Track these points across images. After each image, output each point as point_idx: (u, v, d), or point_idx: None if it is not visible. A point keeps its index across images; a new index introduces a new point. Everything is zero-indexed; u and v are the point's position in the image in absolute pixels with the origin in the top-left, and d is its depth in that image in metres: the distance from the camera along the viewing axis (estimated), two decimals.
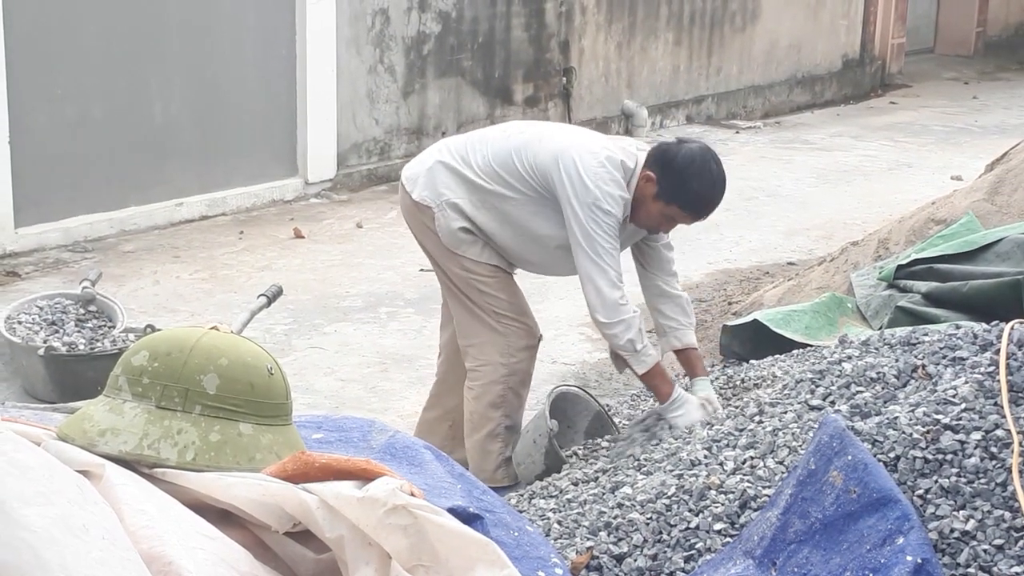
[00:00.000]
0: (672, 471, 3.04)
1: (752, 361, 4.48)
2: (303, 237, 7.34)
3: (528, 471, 3.86)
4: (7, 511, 1.25)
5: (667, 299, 4.05)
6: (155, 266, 6.66)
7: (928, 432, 2.70)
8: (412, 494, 1.52)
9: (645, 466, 3.27)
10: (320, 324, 5.85)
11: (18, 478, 1.29)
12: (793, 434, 2.97)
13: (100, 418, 1.63)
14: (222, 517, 1.53)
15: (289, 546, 1.52)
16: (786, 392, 3.33)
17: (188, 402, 1.63)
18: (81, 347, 3.61)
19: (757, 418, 3.20)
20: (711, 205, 3.87)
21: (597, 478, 3.46)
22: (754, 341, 4.91)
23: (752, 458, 2.92)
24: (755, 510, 2.73)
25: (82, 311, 3.84)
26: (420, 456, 1.83)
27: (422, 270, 6.74)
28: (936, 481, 2.60)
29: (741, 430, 3.15)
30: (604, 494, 3.16)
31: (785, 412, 3.15)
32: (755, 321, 4.96)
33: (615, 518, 2.89)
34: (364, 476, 1.56)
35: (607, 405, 4.83)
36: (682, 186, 3.75)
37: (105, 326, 3.79)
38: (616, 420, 4.34)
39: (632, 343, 3.76)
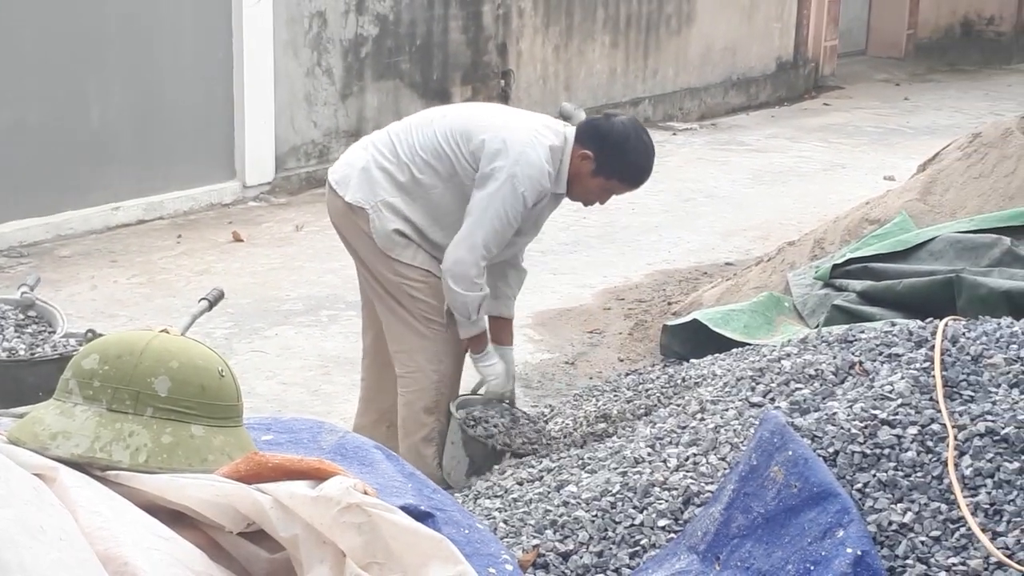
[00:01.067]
0: (616, 469, 3.08)
1: (692, 360, 4.54)
2: (242, 240, 7.30)
3: (458, 473, 3.89)
4: None
5: (516, 270, 4.16)
6: (92, 271, 6.60)
7: (865, 427, 2.76)
8: (365, 493, 1.54)
9: (589, 464, 3.30)
10: (261, 328, 5.83)
11: None
12: (735, 431, 3.02)
13: (51, 421, 1.63)
14: (175, 518, 1.54)
15: (243, 546, 1.53)
16: (727, 390, 3.38)
17: (139, 404, 1.64)
18: (21, 353, 3.58)
19: (699, 415, 3.25)
20: (647, 174, 3.96)
21: (542, 477, 3.49)
22: (694, 341, 4.97)
23: (695, 455, 2.97)
24: (698, 506, 2.77)
25: (21, 316, 3.80)
26: (371, 456, 1.84)
27: None
28: (874, 475, 2.66)
29: (684, 427, 3.20)
30: (549, 492, 3.18)
31: (727, 409, 3.20)
32: (695, 321, 5.02)
33: (561, 516, 2.92)
34: (317, 476, 1.57)
35: (549, 405, 4.88)
36: (621, 160, 3.83)
37: (45, 331, 3.75)
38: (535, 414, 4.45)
39: (468, 315, 3.84)
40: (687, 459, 2.96)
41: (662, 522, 2.78)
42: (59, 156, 7.17)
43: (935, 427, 2.74)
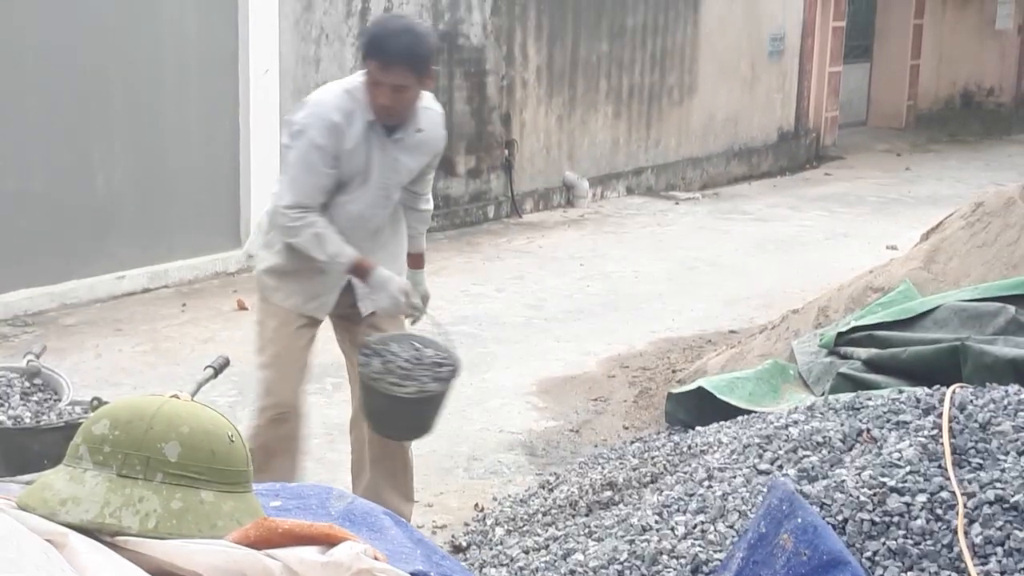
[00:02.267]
0: (623, 537, 3.06)
1: (698, 428, 4.52)
2: (247, 309, 7.31)
3: (379, 427, 3.83)
4: None
5: (415, 212, 4.14)
6: (97, 339, 6.60)
7: (874, 495, 2.75)
8: (376, 558, 1.53)
9: (596, 532, 3.28)
10: None
11: None
12: (743, 498, 3.00)
13: (61, 487, 1.63)
14: None
15: None
16: (734, 457, 3.37)
17: (150, 470, 1.63)
18: (27, 420, 3.57)
19: (706, 483, 3.24)
20: (383, 43, 3.70)
21: (548, 545, 3.47)
22: (699, 408, 4.96)
23: (703, 523, 2.95)
24: (707, 574, 2.75)
25: (27, 384, 3.79)
26: (379, 522, 1.84)
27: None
28: (884, 543, 2.64)
29: (691, 495, 3.18)
30: (556, 561, 3.17)
31: (734, 477, 3.19)
32: (700, 388, 5.01)
33: None
34: (327, 541, 1.56)
35: (554, 473, 4.85)
36: (363, 39, 3.80)
37: (51, 399, 3.74)
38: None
39: (322, 255, 3.81)
40: (695, 527, 2.95)
41: None
42: (64, 224, 7.20)
43: (944, 495, 2.73)
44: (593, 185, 11.15)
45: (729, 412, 4.65)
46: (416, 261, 4.21)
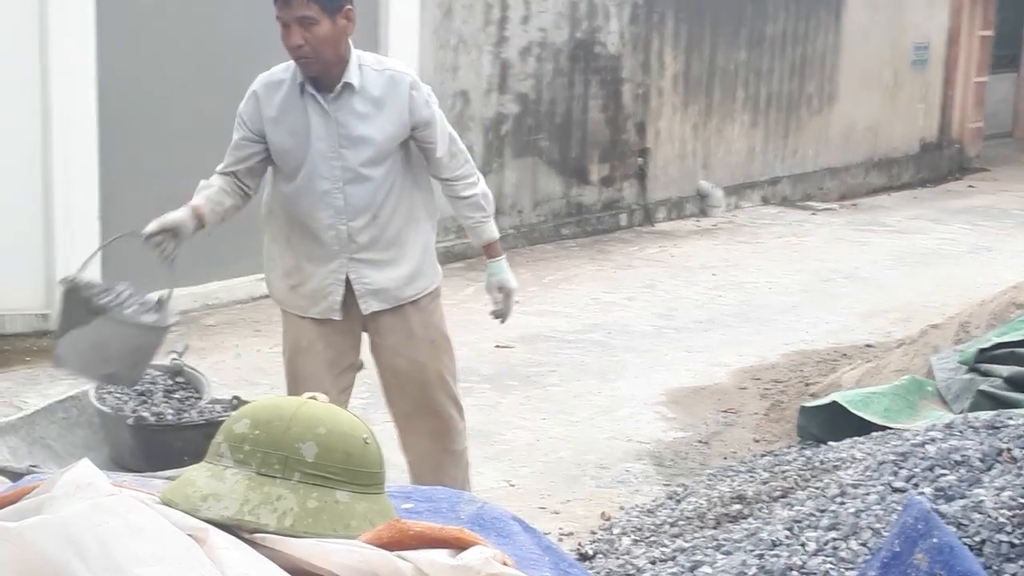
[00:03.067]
0: (752, 551, 3.03)
1: (831, 443, 4.45)
2: None
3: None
4: (123, 571, 1.30)
5: (459, 202, 3.90)
6: (237, 339, 6.77)
7: (1014, 516, 2.67)
8: (504, 563, 1.55)
9: (724, 546, 3.26)
10: None
11: (133, 539, 1.34)
12: (876, 516, 2.95)
13: (202, 484, 1.68)
14: None
15: None
16: (868, 474, 3.31)
17: (287, 469, 1.68)
18: (169, 417, 3.69)
19: (839, 499, 3.19)
20: None
21: (675, 557, 3.45)
22: (832, 423, 4.88)
23: (834, 539, 2.90)
24: None
25: (170, 382, 3.92)
26: (508, 527, 1.85)
27: (497, 347, 6.80)
28: (1022, 566, 2.57)
29: (823, 511, 3.13)
30: (683, 573, 3.15)
31: (868, 493, 3.13)
32: (834, 403, 4.93)
33: None
34: (457, 545, 1.59)
35: (682, 484, 4.81)
36: None
37: (192, 397, 3.87)
38: None
39: None
40: (826, 543, 2.90)
41: None
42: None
43: None
44: (728, 194, 11.06)
45: (863, 428, 4.57)
46: (488, 251, 3.96)
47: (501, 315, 4.06)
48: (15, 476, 3.11)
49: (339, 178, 3.67)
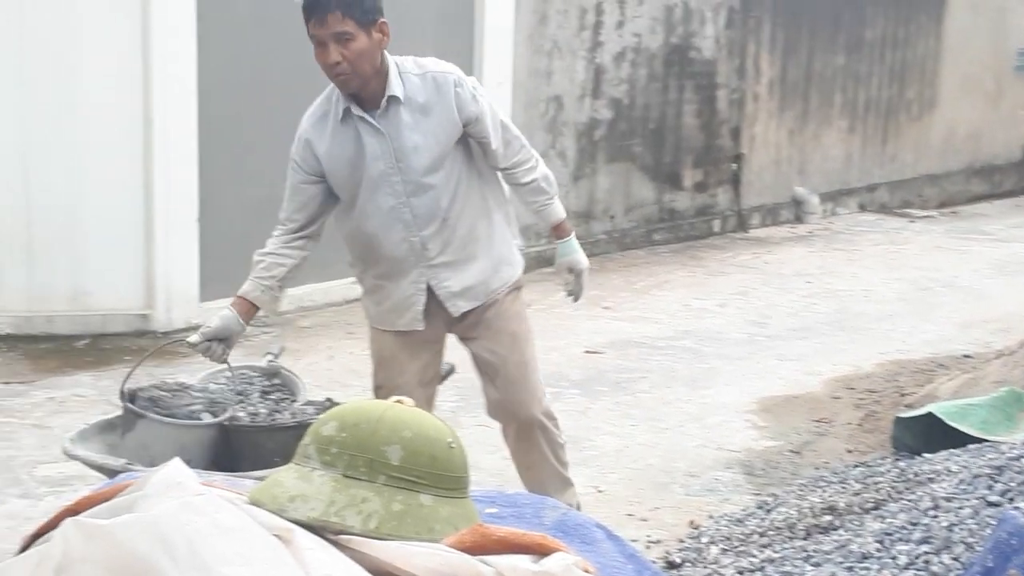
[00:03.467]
0: (842, 563, 3.00)
1: (925, 455, 4.38)
2: None
3: None
4: (210, 569, 1.33)
5: (522, 189, 3.85)
6: (330, 342, 6.85)
7: None
8: (586, 571, 1.55)
9: (814, 557, 3.22)
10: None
11: (220, 538, 1.37)
12: (970, 530, 2.90)
13: (290, 485, 1.71)
14: None
15: None
16: (963, 487, 3.25)
17: (373, 472, 1.70)
18: (263, 418, 3.74)
19: (932, 512, 3.14)
20: None
21: (763, 568, 3.42)
22: (927, 435, 4.79)
23: (926, 553, 2.86)
24: None
25: (267, 383, 3.98)
26: (592, 534, 1.86)
27: (587, 352, 6.79)
28: None
29: (915, 524, 3.09)
30: None
31: (961, 507, 3.07)
32: (930, 414, 4.85)
33: None
34: (539, 551, 1.59)
35: (773, 494, 4.77)
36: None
37: (287, 399, 3.91)
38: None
39: None
40: (918, 557, 2.86)
41: None
42: None
43: None
44: (824, 201, 10.92)
45: (959, 440, 4.48)
46: (557, 231, 3.94)
47: (574, 295, 4.03)
48: (112, 473, 3.18)
49: (402, 192, 3.63)
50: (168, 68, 6.68)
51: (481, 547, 1.60)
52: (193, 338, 3.68)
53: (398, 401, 1.80)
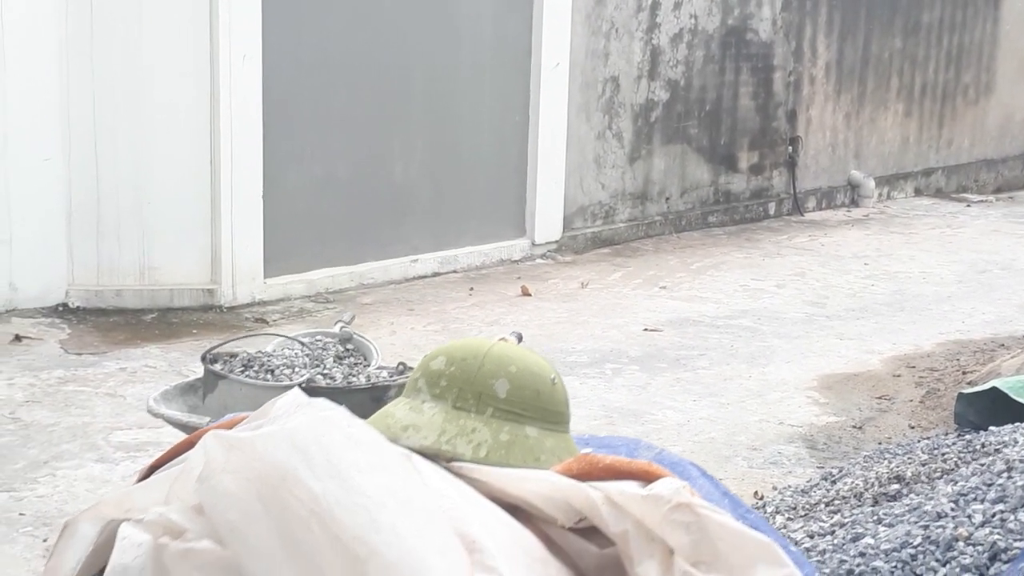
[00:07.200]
0: (916, 523, 3.03)
1: (992, 428, 4.39)
2: (530, 295, 7.53)
3: None
4: (346, 478, 1.39)
5: None
6: (391, 318, 6.94)
7: None
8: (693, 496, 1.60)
9: (885, 519, 3.25)
10: None
11: (354, 449, 1.43)
12: None
13: (401, 416, 1.77)
14: (510, 512, 1.63)
15: (574, 541, 1.61)
16: None
17: (481, 404, 1.76)
18: (338, 381, 3.82)
19: (1006, 474, 3.16)
20: None
21: (834, 531, 3.45)
22: (991, 410, 4.79)
23: (1002, 511, 2.89)
24: (1005, 562, 2.69)
25: (341, 349, 4.06)
26: (688, 472, 1.90)
27: (646, 330, 6.83)
28: None
29: (989, 485, 3.11)
30: (844, 544, 3.16)
31: None
32: (994, 389, 4.84)
33: (858, 566, 2.90)
34: (646, 477, 1.64)
35: (837, 466, 4.79)
36: None
37: (360, 363, 3.99)
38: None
39: None
40: (993, 515, 2.89)
41: None
42: (364, 210, 7.60)
43: None
44: (879, 185, 10.89)
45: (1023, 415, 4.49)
46: None
47: None
48: (193, 431, 3.25)
49: None
50: (234, 46, 6.77)
51: (588, 474, 1.65)
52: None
53: (502, 339, 1.86)
